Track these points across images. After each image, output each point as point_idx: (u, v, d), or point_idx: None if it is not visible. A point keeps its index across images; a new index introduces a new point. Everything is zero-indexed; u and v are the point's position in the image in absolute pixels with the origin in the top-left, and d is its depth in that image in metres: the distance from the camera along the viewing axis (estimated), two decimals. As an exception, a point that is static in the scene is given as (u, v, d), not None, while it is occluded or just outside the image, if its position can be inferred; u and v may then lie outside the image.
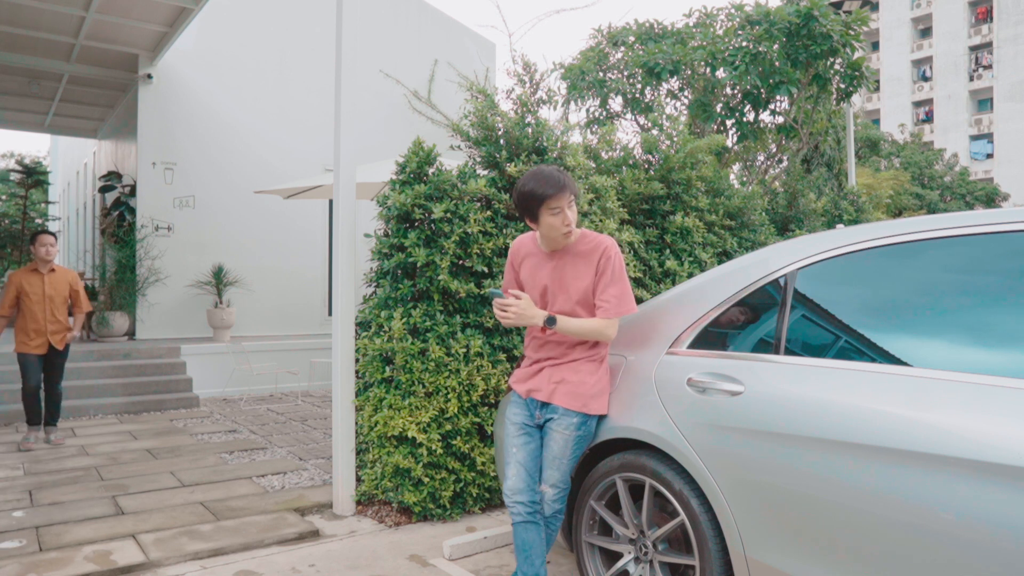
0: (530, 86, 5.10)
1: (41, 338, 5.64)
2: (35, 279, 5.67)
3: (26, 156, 11.77)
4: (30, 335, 5.63)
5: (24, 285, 5.63)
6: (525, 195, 2.58)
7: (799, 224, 6.77)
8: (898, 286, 2.20)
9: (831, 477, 2.02)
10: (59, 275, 5.79)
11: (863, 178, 18.77)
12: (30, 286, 5.63)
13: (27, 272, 5.70)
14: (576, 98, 9.33)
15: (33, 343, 5.64)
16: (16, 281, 5.63)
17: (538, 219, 2.61)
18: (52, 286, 5.71)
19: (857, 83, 8.39)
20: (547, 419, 2.68)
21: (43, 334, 5.65)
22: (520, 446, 2.66)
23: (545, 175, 2.56)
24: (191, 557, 3.44)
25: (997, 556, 1.70)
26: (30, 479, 4.74)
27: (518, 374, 2.84)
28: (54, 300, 5.69)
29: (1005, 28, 39.94)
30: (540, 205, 2.55)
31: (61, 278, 5.79)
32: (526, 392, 2.74)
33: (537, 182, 2.56)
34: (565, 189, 2.55)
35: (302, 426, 6.67)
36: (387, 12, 11.09)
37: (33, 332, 5.63)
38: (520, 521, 2.59)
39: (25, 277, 5.67)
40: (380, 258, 4.19)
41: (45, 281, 5.68)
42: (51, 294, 5.68)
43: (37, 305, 5.62)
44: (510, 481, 2.63)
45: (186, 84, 9.69)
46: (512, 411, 2.75)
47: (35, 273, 5.69)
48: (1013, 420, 1.74)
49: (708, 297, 2.61)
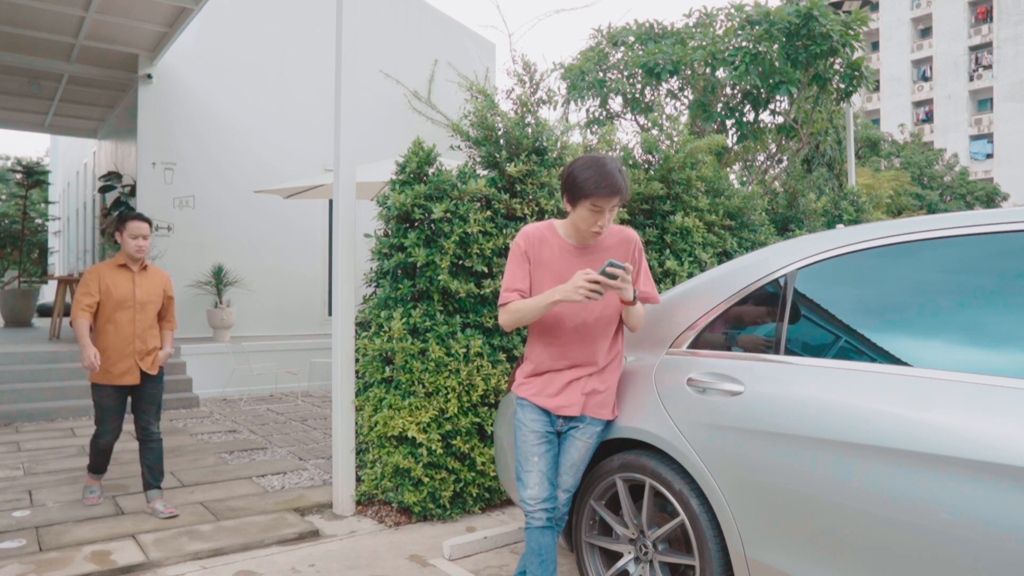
0: (530, 86, 5.09)
1: (128, 361, 4.00)
2: (123, 279, 4.06)
3: (23, 160, 11.68)
4: (112, 358, 3.98)
5: (110, 286, 4.01)
6: (577, 181, 2.42)
7: (799, 224, 6.77)
8: (898, 286, 2.20)
9: (831, 477, 2.02)
10: (153, 276, 4.19)
11: (863, 178, 18.76)
12: (116, 288, 4.01)
13: (111, 268, 4.07)
14: (576, 98, 9.33)
15: (117, 369, 3.98)
16: (97, 279, 4.01)
17: (575, 207, 2.47)
18: (145, 290, 4.11)
19: (857, 83, 8.38)
20: (571, 427, 2.60)
21: (131, 356, 4.00)
22: (541, 455, 2.55)
23: (607, 172, 2.39)
24: (191, 557, 3.44)
25: (997, 556, 1.70)
26: (30, 479, 4.74)
27: (536, 386, 2.60)
28: (147, 309, 4.10)
29: (1005, 28, 39.94)
30: (586, 197, 2.40)
31: (156, 280, 4.19)
32: (555, 409, 2.56)
33: (597, 175, 2.38)
34: (617, 196, 2.41)
35: (302, 426, 6.67)
36: (387, 12, 11.08)
37: (116, 354, 3.98)
38: (540, 526, 2.53)
39: (109, 275, 4.04)
40: (380, 258, 4.19)
41: (136, 283, 4.09)
42: (144, 300, 4.08)
43: (125, 314, 4.01)
44: (533, 490, 2.53)
45: (186, 84, 9.69)
46: (530, 417, 2.58)
47: (123, 271, 4.08)
48: (1013, 420, 1.74)
49: (708, 297, 2.61)
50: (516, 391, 2.65)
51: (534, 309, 2.45)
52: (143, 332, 4.06)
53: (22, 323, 11.50)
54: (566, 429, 2.61)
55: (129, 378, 4.01)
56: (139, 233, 4.04)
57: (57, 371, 7.42)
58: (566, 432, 2.61)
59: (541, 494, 2.52)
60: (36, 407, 6.85)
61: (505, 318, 2.53)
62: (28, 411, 6.78)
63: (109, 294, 4.00)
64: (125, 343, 3.99)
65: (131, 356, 4.00)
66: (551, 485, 2.55)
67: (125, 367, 4.00)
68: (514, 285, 2.53)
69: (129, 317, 4.02)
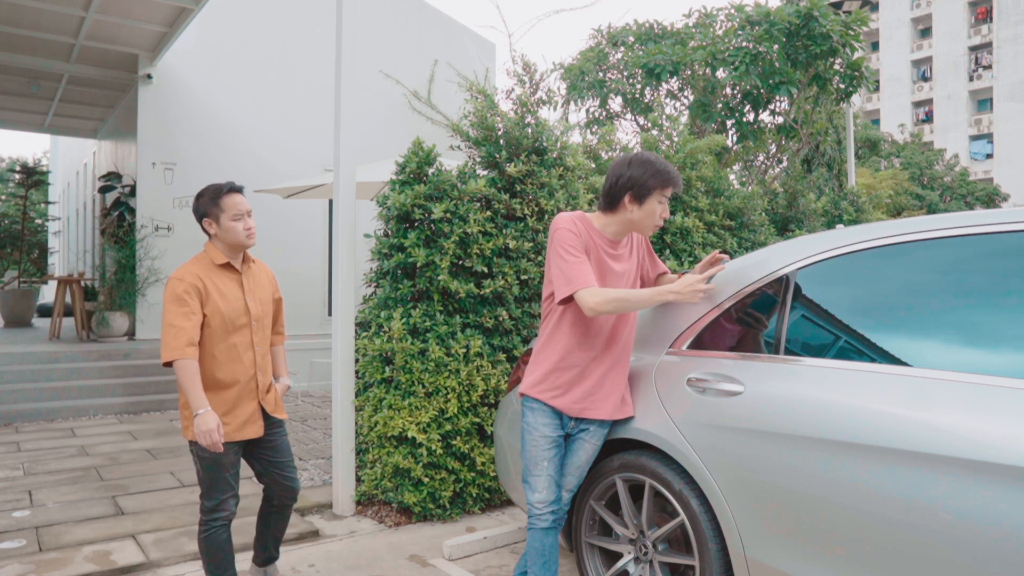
0: (530, 86, 5.10)
1: (250, 405, 2.76)
2: (231, 285, 2.75)
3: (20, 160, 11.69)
4: (228, 402, 2.71)
5: (213, 294, 2.66)
6: (642, 178, 2.44)
7: (799, 224, 6.78)
8: (898, 286, 2.20)
9: (831, 477, 2.02)
10: (259, 274, 2.90)
11: (863, 178, 18.77)
12: (225, 299, 2.69)
13: (208, 270, 2.71)
14: (576, 98, 9.34)
15: (236, 418, 2.72)
16: (197, 287, 2.63)
17: (643, 201, 2.47)
18: (257, 297, 2.82)
19: (857, 83, 8.39)
20: (581, 429, 2.59)
21: (253, 396, 2.77)
22: (551, 459, 2.54)
23: (663, 163, 2.49)
24: (191, 557, 3.44)
25: (997, 556, 1.70)
26: (30, 479, 4.74)
27: (558, 387, 2.51)
28: (263, 325, 2.83)
29: (1005, 28, 39.95)
30: (660, 189, 2.47)
31: (263, 279, 2.91)
32: (580, 412, 2.52)
33: (660, 169, 2.47)
34: (680, 181, 2.55)
35: (302, 426, 6.67)
36: (387, 12, 11.09)
37: (234, 395, 2.72)
38: (545, 527, 2.53)
39: (209, 277, 2.69)
40: (380, 258, 4.20)
41: (246, 288, 2.78)
42: (259, 313, 2.80)
43: (240, 337, 2.73)
44: (541, 494, 2.52)
45: (186, 84, 9.69)
46: (542, 421, 2.52)
47: (226, 272, 2.75)
48: (1013, 420, 1.74)
49: (708, 297, 2.61)
50: (530, 392, 2.54)
51: (642, 301, 2.44)
52: (263, 359, 2.80)
53: (22, 323, 11.50)
54: (576, 431, 2.60)
55: (252, 429, 2.76)
56: (244, 209, 2.73)
57: (57, 371, 7.42)
58: (575, 434, 2.60)
59: (549, 497, 2.52)
60: (36, 407, 6.85)
61: (599, 301, 2.35)
62: (28, 411, 6.78)
63: (217, 310, 2.65)
64: (245, 379, 2.74)
65: (253, 397, 2.77)
66: (558, 487, 2.56)
67: (247, 414, 2.74)
68: (590, 273, 2.43)
69: (246, 340, 2.73)
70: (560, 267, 2.43)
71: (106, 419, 6.97)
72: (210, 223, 2.73)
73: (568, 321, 2.52)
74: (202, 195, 2.76)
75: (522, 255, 4.25)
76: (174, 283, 2.61)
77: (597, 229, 2.55)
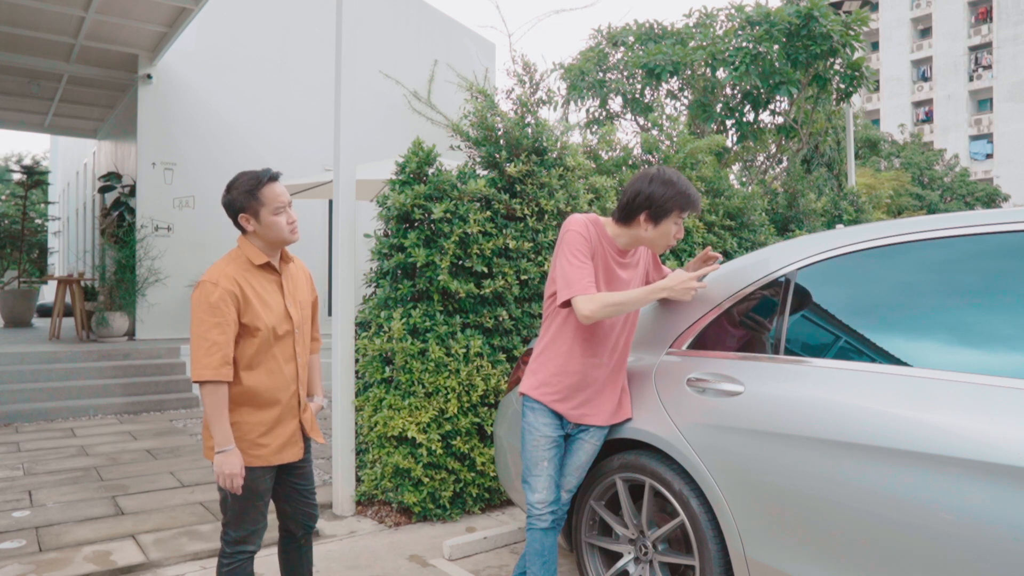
0: (530, 86, 5.10)
1: (291, 424, 2.41)
2: (270, 288, 2.38)
3: (25, 155, 11.74)
4: (268, 423, 2.35)
5: (253, 301, 2.30)
6: (662, 198, 2.42)
7: (799, 224, 6.78)
8: (898, 286, 2.20)
9: (831, 477, 2.01)
10: (298, 273, 2.54)
11: (863, 178, 18.76)
12: (266, 306, 2.34)
13: (245, 272, 2.32)
14: (576, 98, 9.34)
15: (276, 439, 2.36)
16: (234, 293, 2.26)
17: (659, 222, 2.46)
18: (296, 298, 2.47)
19: (857, 83, 8.39)
20: (581, 430, 2.60)
21: (294, 414, 2.43)
22: (551, 459, 2.55)
23: (684, 184, 2.47)
24: (191, 557, 3.44)
25: (996, 556, 1.70)
26: (30, 479, 4.74)
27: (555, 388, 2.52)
28: (304, 332, 2.50)
29: (1005, 28, 39.95)
30: (680, 210, 2.46)
31: (302, 279, 2.55)
32: (578, 418, 2.55)
33: (681, 190, 2.44)
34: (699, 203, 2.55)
35: (302, 426, 6.67)
36: (387, 12, 11.09)
37: (275, 414, 2.37)
38: (545, 527, 2.54)
39: (247, 280, 2.31)
40: (380, 258, 4.20)
41: (286, 291, 2.43)
42: (299, 318, 2.45)
43: (282, 347, 2.39)
44: (541, 494, 2.53)
45: (186, 84, 9.69)
46: (543, 422, 2.53)
47: (266, 274, 2.39)
48: (1013, 420, 1.74)
49: (708, 297, 2.61)
50: (530, 393, 2.54)
51: (636, 301, 2.42)
52: (304, 372, 2.48)
53: (22, 323, 11.50)
54: (576, 432, 2.60)
55: (292, 452, 2.42)
56: (285, 200, 2.35)
57: (57, 371, 7.42)
58: (575, 434, 2.61)
59: (549, 498, 2.53)
60: (36, 407, 6.85)
61: (595, 308, 2.34)
62: (28, 411, 6.78)
63: (258, 319, 2.29)
64: (287, 396, 2.39)
65: (294, 415, 2.42)
66: (558, 488, 2.56)
67: (287, 434, 2.39)
68: (590, 279, 2.43)
69: (288, 351, 2.40)
70: (564, 269, 2.44)
71: (106, 419, 6.97)
72: (247, 219, 2.31)
73: (572, 325, 2.51)
74: (234, 186, 2.33)
75: (522, 255, 4.25)
76: (207, 288, 2.21)
77: (609, 236, 2.54)
